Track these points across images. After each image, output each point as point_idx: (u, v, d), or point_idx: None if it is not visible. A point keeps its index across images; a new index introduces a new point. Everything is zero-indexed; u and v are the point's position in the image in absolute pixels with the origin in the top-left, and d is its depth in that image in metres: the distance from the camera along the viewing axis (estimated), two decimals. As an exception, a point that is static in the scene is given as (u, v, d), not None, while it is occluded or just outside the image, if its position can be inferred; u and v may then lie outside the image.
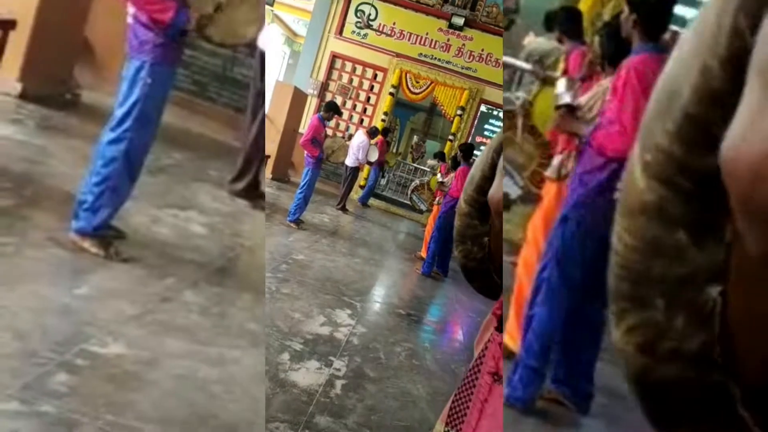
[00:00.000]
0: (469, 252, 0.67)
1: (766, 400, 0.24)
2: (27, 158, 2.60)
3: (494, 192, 0.60)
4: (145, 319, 1.64)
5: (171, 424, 1.27)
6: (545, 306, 1.77)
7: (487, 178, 0.64)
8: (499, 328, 0.62)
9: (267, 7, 8.93)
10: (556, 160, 2.20)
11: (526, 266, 2.22)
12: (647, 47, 1.66)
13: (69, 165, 2.65)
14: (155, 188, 2.70)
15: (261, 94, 3.37)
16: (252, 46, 2.67)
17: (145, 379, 1.39)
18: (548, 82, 2.61)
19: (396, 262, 4.82)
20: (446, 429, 0.66)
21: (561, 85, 1.93)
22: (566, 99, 1.88)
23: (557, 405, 1.92)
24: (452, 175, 4.63)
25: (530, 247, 2.26)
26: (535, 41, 3.03)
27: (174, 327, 1.65)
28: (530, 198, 2.91)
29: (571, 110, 1.89)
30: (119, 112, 1.85)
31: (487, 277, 0.67)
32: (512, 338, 2.10)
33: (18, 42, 3.39)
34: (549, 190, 2.25)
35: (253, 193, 3.22)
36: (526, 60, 2.85)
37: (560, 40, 2.60)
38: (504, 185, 0.61)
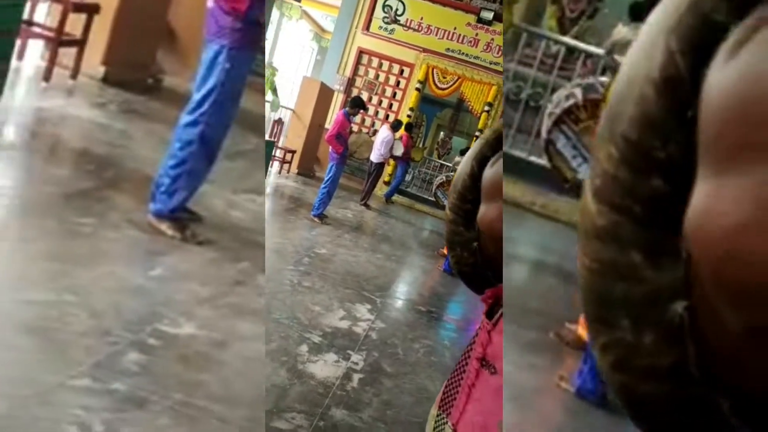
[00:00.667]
0: (460, 258, 0.69)
1: (761, 409, 0.23)
2: (108, 141, 2.68)
3: (482, 216, 0.61)
4: (218, 301, 1.67)
5: (239, 404, 1.29)
6: None
7: (468, 187, 0.66)
8: (489, 315, 0.63)
9: (295, 3, 9.05)
10: None
11: None
12: None
13: (149, 148, 2.71)
14: (233, 173, 2.73)
15: None
16: None
17: (215, 360, 1.41)
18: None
19: (418, 258, 4.80)
20: (439, 413, 0.68)
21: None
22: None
23: None
24: None
25: None
26: (621, 31, 2.93)
27: (245, 310, 1.67)
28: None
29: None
30: (197, 96, 1.88)
31: (484, 280, 0.68)
32: (585, 328, 2.07)
33: (102, 26, 3.51)
34: None
35: None
36: (607, 50, 2.76)
37: None
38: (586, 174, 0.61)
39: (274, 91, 6.86)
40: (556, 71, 3.74)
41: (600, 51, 2.75)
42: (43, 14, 3.71)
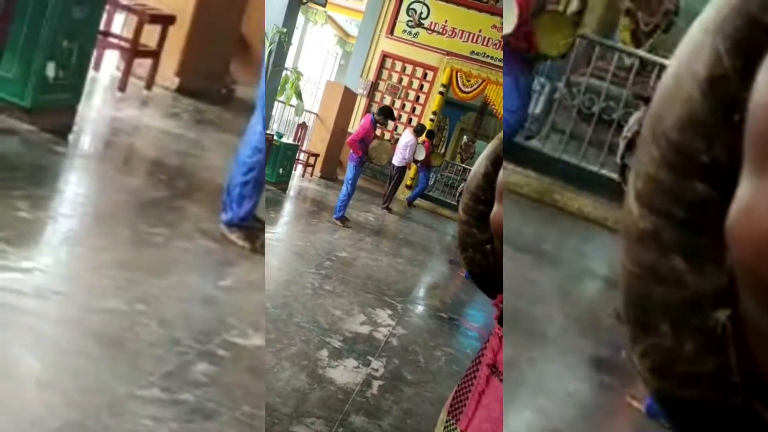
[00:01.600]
0: (472, 260, 0.67)
1: None
2: (181, 151, 2.76)
3: (495, 216, 0.60)
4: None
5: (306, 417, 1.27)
6: None
7: (482, 187, 0.64)
8: (500, 321, 0.61)
9: (320, 8, 9.15)
10: None
11: None
12: None
13: (221, 158, 2.75)
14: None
15: None
16: None
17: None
18: None
19: (440, 264, 4.74)
20: (448, 419, 0.67)
21: None
22: None
23: None
24: None
25: None
26: None
27: None
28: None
29: None
30: (262, 104, 1.91)
31: (497, 283, 0.66)
32: None
33: (176, 37, 3.60)
34: None
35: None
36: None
37: None
38: None
39: (299, 95, 6.94)
40: (629, 84, 3.66)
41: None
42: (119, 25, 3.86)
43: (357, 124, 7.84)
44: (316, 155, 7.07)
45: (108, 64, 3.73)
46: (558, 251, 2.82)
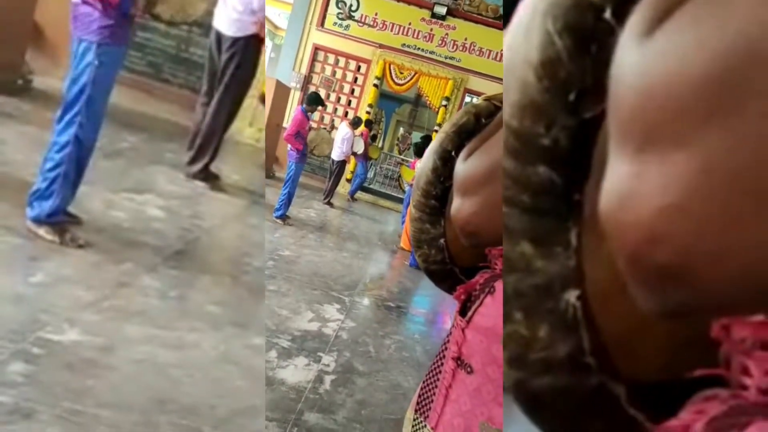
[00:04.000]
0: (427, 256, 0.67)
1: (653, 395, 0.23)
2: None
3: (457, 211, 0.57)
4: (102, 305, 1.62)
5: (130, 409, 1.25)
6: None
7: (432, 182, 0.64)
8: (462, 313, 0.61)
9: (246, -1, 8.75)
10: None
11: None
12: None
13: (23, 152, 2.56)
14: (111, 172, 2.63)
15: (244, 82, 3.24)
16: (205, 25, 2.59)
17: (103, 365, 1.37)
18: None
19: (384, 255, 4.80)
20: (415, 417, 0.66)
21: None
22: None
23: None
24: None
25: None
26: None
27: (132, 312, 1.63)
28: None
29: None
30: (69, 96, 1.80)
31: (454, 278, 0.67)
32: None
33: None
34: None
35: (210, 175, 3.15)
36: None
37: None
38: None
39: (228, 90, 6.60)
40: None
41: None
42: None
43: (292, 118, 7.65)
44: (251, 152, 6.81)
45: None
46: None
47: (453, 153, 0.64)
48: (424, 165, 0.66)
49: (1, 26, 3.47)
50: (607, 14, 0.21)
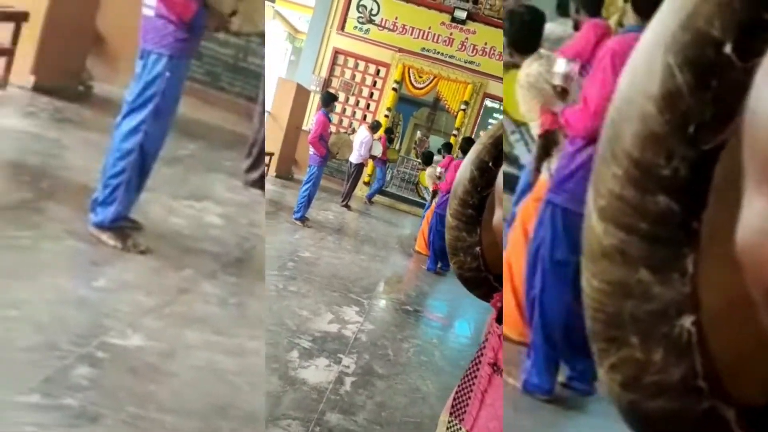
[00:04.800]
0: (462, 263, 0.69)
1: (763, 418, 0.24)
2: (42, 151, 2.60)
3: (497, 221, 0.62)
4: (164, 311, 1.65)
5: (191, 415, 1.27)
6: (544, 288, 1.76)
7: (469, 192, 0.66)
8: (499, 320, 0.63)
9: (268, 3, 8.92)
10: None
11: (515, 250, 2.20)
12: (635, 27, 1.63)
13: (83, 157, 2.64)
14: (171, 179, 2.70)
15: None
16: (263, 35, 2.66)
17: (164, 371, 1.39)
18: (512, 66, 2.50)
19: (401, 258, 4.82)
20: (450, 419, 0.68)
21: (559, 63, 1.81)
22: (556, 79, 1.80)
23: (563, 388, 1.90)
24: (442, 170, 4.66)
25: (517, 231, 2.24)
26: (548, 27, 2.95)
27: (192, 318, 1.66)
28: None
29: (562, 91, 1.83)
30: (135, 104, 1.84)
31: (488, 285, 0.68)
32: (513, 328, 2.09)
33: (31, 34, 3.39)
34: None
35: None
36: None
37: (576, 23, 2.35)
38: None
39: (250, 93, 6.73)
40: None
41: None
42: None
43: (311, 121, 7.73)
44: (271, 154, 6.91)
45: None
46: None
47: (490, 164, 0.66)
48: (461, 175, 0.68)
49: (64, 34, 3.61)
50: (728, 49, 0.22)
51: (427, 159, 5.99)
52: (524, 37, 1.99)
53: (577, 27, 2.30)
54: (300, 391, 1.86)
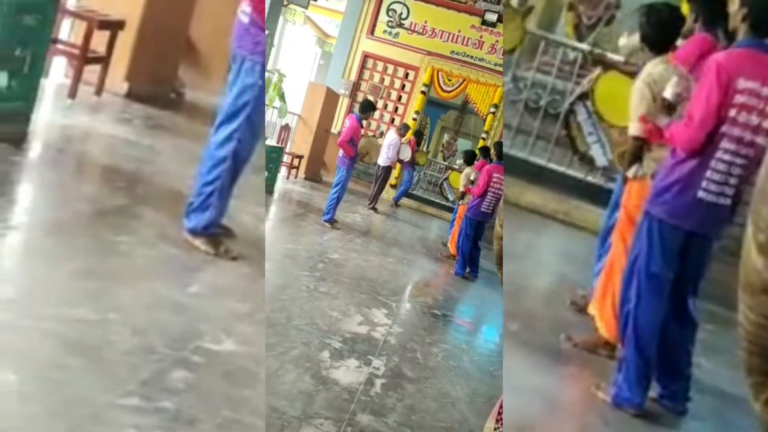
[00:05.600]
0: None
1: None
2: (137, 157, 2.71)
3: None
4: (255, 316, 1.70)
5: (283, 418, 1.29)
6: (640, 302, 1.72)
7: None
8: None
9: (299, 9, 9.10)
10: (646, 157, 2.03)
11: (618, 263, 2.14)
12: (747, 42, 1.59)
13: (177, 163, 2.72)
14: (257, 186, 2.75)
15: None
16: None
17: (258, 375, 1.42)
18: (609, 67, 2.50)
19: (428, 262, 4.81)
20: (496, 426, 0.69)
21: (674, 80, 1.78)
22: (667, 93, 1.77)
23: (653, 403, 1.81)
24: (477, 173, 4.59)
25: (617, 245, 2.17)
26: (622, 41, 2.94)
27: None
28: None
29: (669, 106, 1.78)
30: (229, 112, 1.88)
31: None
32: (608, 329, 2.05)
33: (125, 42, 3.54)
34: (630, 188, 2.11)
35: None
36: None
37: (690, 31, 2.27)
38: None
39: (282, 97, 6.88)
40: (574, 78, 3.77)
41: (618, 57, 2.81)
42: (65, 31, 3.76)
43: (339, 124, 7.83)
44: (300, 157, 7.04)
45: (56, 71, 3.64)
46: (511, 245, 2.89)
47: None
48: None
49: (158, 42, 3.76)
50: None
51: (470, 159, 5.83)
52: (661, 35, 1.94)
53: (687, 35, 2.27)
54: (332, 391, 1.89)
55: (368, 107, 4.70)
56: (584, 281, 2.50)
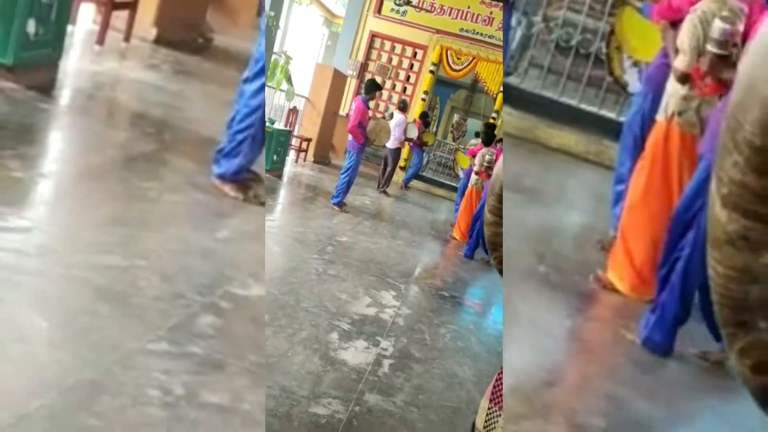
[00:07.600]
0: (502, 258, 0.69)
1: None
2: (164, 103, 2.70)
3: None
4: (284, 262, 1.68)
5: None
6: (695, 251, 1.67)
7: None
8: None
9: (306, -12, 8.92)
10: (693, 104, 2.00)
11: (632, 209, 2.12)
12: None
13: (205, 109, 2.71)
14: None
15: None
16: None
17: (284, 322, 1.44)
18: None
19: (438, 244, 4.81)
20: (490, 406, 0.70)
21: (717, 25, 1.73)
22: (712, 45, 1.73)
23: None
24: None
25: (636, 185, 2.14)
26: None
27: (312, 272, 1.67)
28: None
29: (722, 57, 1.73)
30: (263, 62, 1.88)
31: None
32: (622, 279, 2.05)
33: None
34: (668, 131, 2.04)
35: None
36: None
37: None
38: None
39: (289, 79, 6.82)
40: (606, 17, 3.66)
41: None
42: None
43: (347, 106, 7.76)
44: (309, 140, 7.02)
45: (83, 17, 3.60)
46: (542, 187, 2.86)
47: None
48: (498, 172, 0.68)
49: None
50: None
51: (490, 139, 5.64)
52: None
53: None
54: (340, 371, 1.93)
55: (372, 87, 4.62)
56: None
